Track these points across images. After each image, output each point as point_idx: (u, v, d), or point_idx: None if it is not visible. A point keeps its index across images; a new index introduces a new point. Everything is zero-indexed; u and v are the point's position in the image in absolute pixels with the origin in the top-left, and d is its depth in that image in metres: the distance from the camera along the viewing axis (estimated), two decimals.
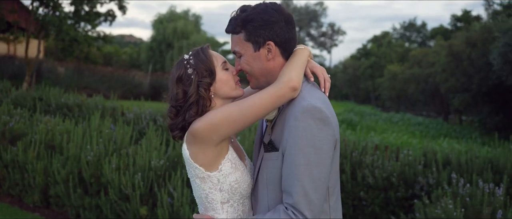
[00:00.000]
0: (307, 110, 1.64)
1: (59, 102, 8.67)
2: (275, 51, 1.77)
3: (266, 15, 1.74)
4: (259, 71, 1.80)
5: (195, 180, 1.83)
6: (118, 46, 51.15)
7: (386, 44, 51.46)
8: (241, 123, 1.72)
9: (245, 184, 1.83)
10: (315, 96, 1.71)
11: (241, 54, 1.80)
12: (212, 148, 1.75)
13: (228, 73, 1.84)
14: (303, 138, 1.62)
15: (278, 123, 1.78)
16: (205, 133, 1.71)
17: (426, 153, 6.15)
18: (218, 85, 1.81)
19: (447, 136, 18.69)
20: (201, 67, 1.80)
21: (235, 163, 1.83)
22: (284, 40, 1.77)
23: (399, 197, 5.56)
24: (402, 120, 26.31)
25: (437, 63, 28.21)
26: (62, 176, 5.17)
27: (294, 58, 1.79)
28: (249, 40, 1.76)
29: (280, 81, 1.70)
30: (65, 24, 16.06)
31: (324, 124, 1.65)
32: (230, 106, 1.73)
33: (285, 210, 1.63)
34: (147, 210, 4.59)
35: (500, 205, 3.75)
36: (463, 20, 38.19)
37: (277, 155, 1.73)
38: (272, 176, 1.75)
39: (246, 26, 1.75)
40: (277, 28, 1.74)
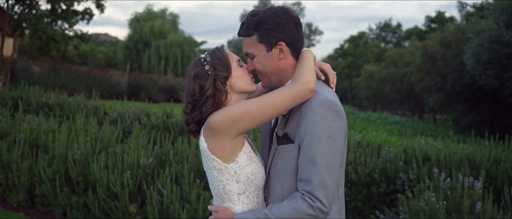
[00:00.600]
0: (323, 104, 1.79)
1: (40, 102, 8.57)
2: (286, 51, 1.90)
3: (277, 18, 1.87)
4: (272, 70, 1.92)
5: (212, 171, 1.92)
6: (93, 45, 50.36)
7: (362, 44, 52.22)
8: (260, 118, 1.82)
9: (260, 175, 1.93)
10: (327, 91, 1.88)
11: (254, 55, 1.92)
12: (230, 141, 1.84)
13: (243, 69, 1.95)
14: (320, 129, 1.77)
15: (292, 117, 1.90)
16: (224, 126, 1.81)
17: (406, 150, 6.36)
18: (233, 80, 1.92)
19: (423, 134, 19.18)
20: (217, 63, 1.91)
21: (251, 155, 1.92)
22: (294, 41, 1.90)
23: (381, 193, 5.73)
24: (379, 118, 26.83)
25: (412, 63, 28.85)
26: (48, 175, 5.15)
27: (305, 61, 1.91)
28: (261, 42, 1.89)
29: (299, 82, 1.82)
30: (41, 23, 15.79)
31: (338, 116, 1.81)
32: (250, 102, 1.83)
33: (302, 197, 1.75)
34: (136, 208, 4.63)
35: (479, 198, 3.95)
36: (437, 21, 39.14)
37: (293, 146, 1.85)
38: (287, 167, 1.87)
39: (258, 29, 1.88)
40: (287, 30, 1.88)
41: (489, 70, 17.56)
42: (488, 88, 18.55)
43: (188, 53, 40.66)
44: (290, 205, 1.77)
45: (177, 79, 32.33)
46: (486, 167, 5.36)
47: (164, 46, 40.06)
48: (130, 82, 26.91)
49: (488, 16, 19.07)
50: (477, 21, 20.31)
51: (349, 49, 52.63)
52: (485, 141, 6.37)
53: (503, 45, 16.76)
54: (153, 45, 40.63)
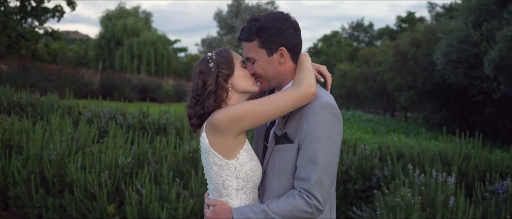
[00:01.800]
0: (324, 106, 1.89)
1: (11, 101, 8.35)
2: (287, 56, 1.98)
3: (278, 23, 1.95)
4: (272, 74, 2.00)
5: (213, 167, 1.98)
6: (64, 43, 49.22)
7: (336, 43, 52.83)
8: (263, 119, 1.91)
9: (258, 173, 2.01)
10: (326, 94, 1.98)
11: (255, 60, 2.00)
12: (232, 138, 1.93)
13: (245, 70, 2.03)
14: (321, 130, 1.86)
15: (292, 118, 1.97)
16: (227, 124, 1.89)
17: (381, 147, 6.50)
18: (235, 80, 2.00)
19: (395, 131, 19.59)
20: (221, 61, 2.00)
21: (251, 153, 2.01)
22: (294, 45, 1.98)
23: (357, 189, 5.85)
24: (353, 117, 27.23)
25: (385, 62, 29.40)
26: (22, 176, 5.04)
27: (305, 65, 1.99)
28: (263, 47, 1.96)
29: (302, 86, 1.90)
30: (11, 20, 15.37)
31: (337, 119, 1.91)
32: (254, 103, 1.91)
33: (299, 194, 1.84)
34: (115, 208, 4.59)
35: (452, 193, 4.09)
36: (408, 21, 39.99)
37: (292, 146, 1.93)
38: (285, 166, 1.95)
39: (260, 35, 1.94)
40: (288, 35, 1.96)
41: (458, 69, 18.10)
42: (457, 87, 19.11)
43: (161, 51, 40.27)
44: (288, 202, 1.85)
45: (150, 78, 31.97)
46: (457, 163, 5.55)
47: (137, 45, 39.53)
48: (103, 81, 26.44)
49: (457, 16, 19.65)
50: (446, 21, 20.90)
51: (323, 48, 53.17)
52: (456, 138, 6.59)
53: (471, 45, 17.30)
54: (126, 43, 40.03)
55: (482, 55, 16.73)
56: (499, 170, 5.49)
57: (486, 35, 16.74)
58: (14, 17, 16.24)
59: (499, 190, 4.23)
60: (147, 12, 48.48)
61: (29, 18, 17.57)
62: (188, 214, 4.44)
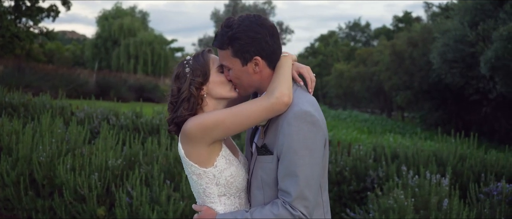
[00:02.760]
0: (299, 115, 1.78)
1: (3, 102, 8.26)
2: (262, 64, 1.88)
3: (251, 32, 1.84)
4: (248, 83, 1.92)
5: (192, 176, 1.94)
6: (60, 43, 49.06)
7: (332, 43, 52.84)
8: (234, 129, 1.84)
9: (240, 177, 1.94)
10: (304, 101, 1.85)
11: (229, 68, 1.91)
12: (205, 147, 1.86)
13: (222, 75, 1.94)
14: (297, 141, 1.77)
15: (270, 127, 1.89)
16: (198, 134, 1.82)
17: (376, 148, 6.45)
18: (211, 86, 1.92)
19: (391, 131, 19.56)
20: (196, 67, 1.92)
21: (229, 158, 1.93)
22: (269, 53, 1.88)
23: (352, 190, 5.80)
24: (349, 116, 27.21)
25: (381, 62, 29.39)
26: (12, 178, 4.96)
27: (282, 70, 1.89)
28: (236, 56, 1.86)
29: (274, 96, 1.81)
30: (5, 20, 15.25)
31: (315, 126, 1.80)
32: (224, 113, 1.83)
33: (283, 204, 1.77)
34: (105, 211, 4.52)
35: (446, 195, 4.04)
36: (404, 21, 40.01)
37: (272, 158, 1.86)
38: (267, 178, 1.88)
39: (233, 44, 1.85)
40: (263, 43, 1.85)
41: (455, 69, 18.09)
42: (454, 86, 19.10)
43: (158, 51, 40.18)
44: (272, 211, 1.79)
45: (147, 78, 31.85)
46: (452, 164, 5.50)
47: (134, 45, 39.41)
48: (99, 81, 26.33)
49: (453, 16, 19.64)
50: (442, 21, 20.89)
51: (320, 48, 53.17)
52: (452, 138, 6.54)
53: (467, 45, 17.29)
54: (123, 43, 39.92)
55: (478, 55, 16.72)
56: (494, 170, 5.45)
57: (482, 34, 16.73)
58: (8, 17, 16.11)
59: (493, 192, 4.19)
60: (144, 12, 48.38)
61: (23, 18, 17.45)
62: (178, 216, 4.38)
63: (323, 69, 49.08)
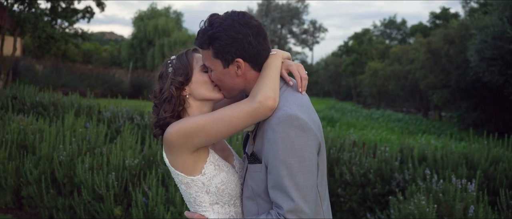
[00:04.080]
0: (283, 120, 1.62)
1: (34, 101, 8.49)
2: (245, 66, 1.73)
3: (232, 32, 1.68)
4: (230, 86, 1.78)
5: (181, 185, 1.82)
6: (98, 44, 50.45)
7: (367, 41, 51.88)
8: (215, 136, 1.70)
9: (232, 184, 1.81)
10: (291, 102, 1.68)
11: (211, 69, 1.78)
12: (189, 155, 1.73)
13: (205, 75, 1.80)
14: (283, 149, 1.60)
15: (258, 134, 1.75)
16: (179, 142, 1.70)
17: (403, 149, 6.20)
18: (193, 86, 1.80)
19: (425, 132, 18.95)
20: (179, 67, 1.81)
21: (219, 164, 1.81)
22: (253, 55, 1.72)
23: (376, 193, 5.59)
24: (382, 116, 26.58)
25: (417, 60, 28.57)
26: (34, 176, 5.06)
27: (267, 71, 1.73)
28: (217, 58, 1.72)
29: (257, 99, 1.66)
30: (41, 21, 15.72)
31: (303, 131, 1.62)
32: (204, 118, 1.70)
33: (278, 216, 1.62)
34: (121, 210, 4.52)
35: (473, 201, 3.79)
36: (442, 17, 38.77)
37: (261, 167, 1.71)
38: (258, 188, 1.74)
39: (213, 44, 1.70)
40: (245, 44, 1.69)
41: (493, 67, 17.31)
42: (493, 85, 18.29)
43: None
44: None
45: None
46: (483, 167, 5.20)
47: (168, 45, 40.00)
48: (133, 81, 26.87)
49: (491, 12, 18.80)
50: (480, 17, 20.05)
51: (353, 46, 52.30)
52: (485, 139, 6.21)
53: (506, 41, 16.51)
54: (157, 43, 40.62)
55: None
56: None
57: None
58: (44, 19, 16.61)
59: None
60: (178, 12, 49.03)
61: (59, 20, 17.95)
62: None
63: (357, 68, 48.27)
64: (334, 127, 14.51)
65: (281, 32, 69.54)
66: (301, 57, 69.75)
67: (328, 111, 25.93)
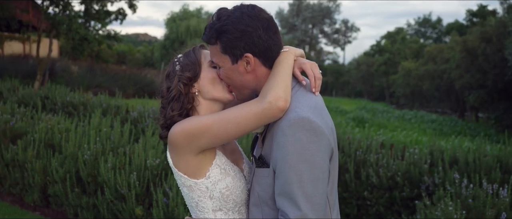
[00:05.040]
0: (295, 123, 1.50)
1: (65, 101, 8.68)
2: (255, 62, 1.62)
3: (241, 25, 1.58)
4: (240, 83, 1.67)
5: (183, 188, 1.73)
6: (132, 45, 51.54)
7: (400, 40, 50.82)
8: (221, 138, 1.60)
9: (238, 190, 1.70)
10: (303, 104, 1.57)
11: (219, 66, 1.68)
12: (193, 157, 1.64)
13: (214, 71, 1.71)
14: (293, 154, 1.49)
15: (268, 136, 1.63)
16: (183, 142, 1.60)
17: (433, 151, 5.96)
18: (202, 83, 1.71)
19: (460, 133, 18.31)
20: (186, 64, 1.72)
21: (225, 168, 1.70)
22: (263, 50, 1.61)
23: (404, 197, 5.40)
24: (415, 117, 25.88)
25: (452, 59, 27.71)
26: (60, 175, 5.13)
27: (278, 69, 1.62)
28: (225, 53, 1.62)
29: (266, 100, 1.54)
30: (74, 23, 16.12)
31: (315, 135, 1.50)
32: (210, 118, 1.61)
33: None
34: (142, 210, 4.52)
35: (505, 207, 3.58)
36: (479, 15, 37.48)
37: (268, 171, 1.60)
38: (264, 194, 1.63)
39: (220, 38, 1.61)
40: (255, 38, 1.59)
41: None
42: None
43: None
44: None
45: None
46: None
47: None
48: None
49: None
50: None
51: (386, 45, 51.32)
52: None
53: None
54: (189, 44, 40.81)
55: None
56: None
57: None
58: (78, 21, 17.04)
59: None
60: (210, 13, 49.40)
61: (92, 21, 18.36)
62: None
63: (389, 68, 47.34)
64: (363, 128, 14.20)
65: (313, 32, 69.04)
66: (333, 57, 69.06)
67: (358, 111, 25.47)
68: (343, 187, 5.77)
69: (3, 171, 5.89)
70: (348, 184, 5.72)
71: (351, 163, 5.70)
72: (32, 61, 21.99)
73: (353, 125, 16.23)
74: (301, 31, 67.37)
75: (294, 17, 68.32)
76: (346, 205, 5.80)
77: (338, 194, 5.83)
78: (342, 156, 5.96)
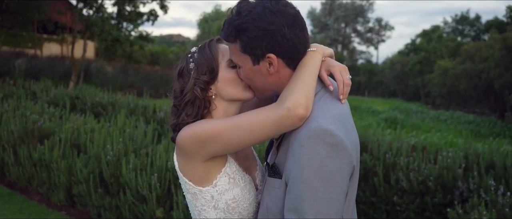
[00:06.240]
0: (315, 134, 1.35)
1: (94, 101, 8.79)
2: (278, 63, 1.46)
3: (263, 22, 1.41)
4: (262, 85, 1.52)
5: (187, 195, 1.61)
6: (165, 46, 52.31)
7: (436, 38, 49.38)
8: (233, 145, 1.46)
9: (246, 202, 1.57)
10: (327, 113, 1.41)
11: (239, 66, 1.53)
12: (201, 163, 1.51)
13: (233, 71, 1.56)
14: (309, 169, 1.33)
15: (283, 143, 1.49)
16: (192, 147, 1.47)
17: (468, 155, 5.65)
18: (220, 85, 1.56)
19: (499, 135, 17.52)
20: (202, 62, 1.56)
21: (235, 177, 1.57)
22: (287, 50, 1.45)
23: (437, 203, 5.13)
24: (451, 118, 25.00)
25: (491, 57, 26.66)
26: (84, 175, 5.15)
27: (301, 71, 1.46)
28: (245, 53, 1.46)
29: (285, 106, 1.39)
30: (107, 24, 16.44)
31: (336, 151, 1.34)
32: (223, 123, 1.47)
33: None
34: (163, 213, 4.46)
35: None
36: None
37: (280, 183, 1.46)
38: (273, 207, 1.48)
39: (240, 37, 1.44)
40: (278, 37, 1.42)
41: None
42: None
43: None
44: None
45: None
46: None
47: None
48: None
49: None
50: None
51: (422, 44, 49.98)
52: None
53: None
54: None
55: None
56: None
57: None
58: (111, 22, 17.37)
59: None
60: None
61: (124, 23, 18.69)
62: None
63: (425, 67, 46.08)
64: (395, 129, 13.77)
65: (345, 31, 68.12)
66: (366, 56, 67.90)
67: (391, 111, 24.84)
68: (371, 191, 5.56)
69: (31, 171, 5.98)
70: (376, 188, 5.49)
71: (380, 166, 5.47)
72: (68, 62, 22.61)
73: (384, 126, 15.79)
74: (334, 31, 66.59)
75: (326, 16, 67.61)
76: (375, 210, 5.58)
77: (366, 198, 5.59)
78: (370, 159, 5.74)
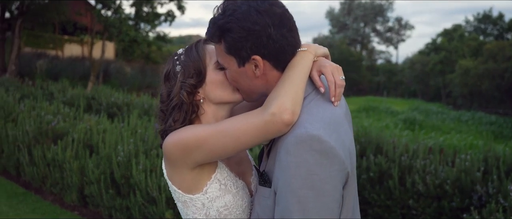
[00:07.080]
0: (302, 140, 1.26)
1: (109, 102, 8.84)
2: (264, 65, 1.38)
3: (247, 22, 1.32)
4: (249, 88, 1.45)
5: (177, 203, 1.56)
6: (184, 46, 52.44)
7: (457, 38, 48.45)
8: (221, 152, 1.39)
9: (239, 210, 1.51)
10: (316, 118, 1.32)
11: (225, 67, 1.46)
12: (189, 171, 1.45)
13: (222, 73, 1.49)
14: (297, 178, 1.25)
15: (273, 149, 1.42)
16: (177, 155, 1.41)
17: (488, 158, 5.46)
18: (208, 88, 1.50)
19: None
20: (189, 65, 1.49)
21: (226, 183, 1.51)
22: (274, 51, 1.36)
23: (454, 208, 4.97)
24: (472, 118, 24.44)
25: None
26: (95, 175, 5.15)
27: (289, 73, 1.38)
28: (230, 54, 1.39)
29: (270, 111, 1.31)
30: (125, 25, 16.59)
31: (326, 158, 1.26)
32: (207, 129, 1.40)
33: None
34: (172, 214, 4.41)
35: None
36: None
37: (270, 192, 1.38)
38: (263, 216, 1.42)
39: (224, 37, 1.37)
40: (263, 38, 1.34)
41: None
42: None
43: None
44: None
45: None
46: None
47: None
48: None
49: None
50: None
51: (443, 43, 49.10)
52: None
53: None
54: None
55: None
56: None
57: None
58: (129, 23, 17.53)
59: None
60: None
61: (142, 24, 18.84)
62: None
63: (446, 66, 45.25)
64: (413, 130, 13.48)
65: (364, 31, 67.46)
66: (385, 56, 67.10)
67: (410, 112, 24.41)
68: (386, 194, 5.43)
69: (44, 171, 6.02)
70: (392, 191, 5.36)
71: (395, 169, 5.33)
72: (88, 63, 22.90)
73: (402, 126, 15.50)
74: (353, 30, 66.00)
75: (345, 16, 67.06)
76: (390, 214, 5.45)
77: (381, 201, 5.43)
78: (385, 161, 5.60)
